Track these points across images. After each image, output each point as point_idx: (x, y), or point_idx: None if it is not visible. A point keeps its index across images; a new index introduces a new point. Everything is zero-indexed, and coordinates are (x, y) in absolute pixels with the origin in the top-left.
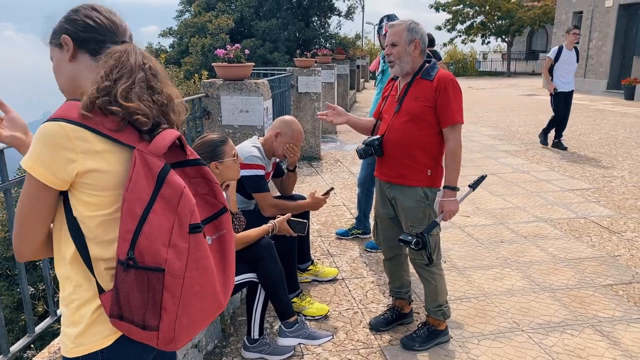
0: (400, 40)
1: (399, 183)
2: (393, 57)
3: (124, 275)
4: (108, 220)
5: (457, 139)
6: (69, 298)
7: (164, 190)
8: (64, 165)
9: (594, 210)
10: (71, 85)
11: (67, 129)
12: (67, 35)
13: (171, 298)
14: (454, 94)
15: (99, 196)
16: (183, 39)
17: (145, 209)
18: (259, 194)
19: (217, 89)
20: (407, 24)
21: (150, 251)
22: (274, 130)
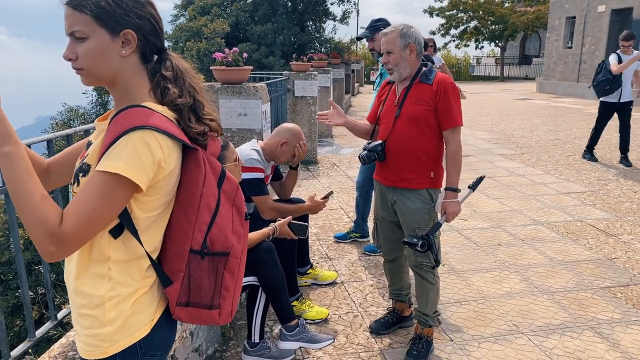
0: (395, 47)
1: (404, 187)
2: (390, 65)
3: (199, 263)
4: (155, 220)
5: (458, 141)
6: (106, 296)
7: (225, 186)
8: (154, 168)
9: (590, 213)
10: (110, 79)
11: (157, 135)
12: (133, 31)
13: (231, 277)
14: (454, 97)
15: (158, 197)
16: (178, 43)
17: (217, 202)
18: (259, 196)
19: (216, 92)
20: (399, 30)
21: (221, 238)
22: (279, 138)
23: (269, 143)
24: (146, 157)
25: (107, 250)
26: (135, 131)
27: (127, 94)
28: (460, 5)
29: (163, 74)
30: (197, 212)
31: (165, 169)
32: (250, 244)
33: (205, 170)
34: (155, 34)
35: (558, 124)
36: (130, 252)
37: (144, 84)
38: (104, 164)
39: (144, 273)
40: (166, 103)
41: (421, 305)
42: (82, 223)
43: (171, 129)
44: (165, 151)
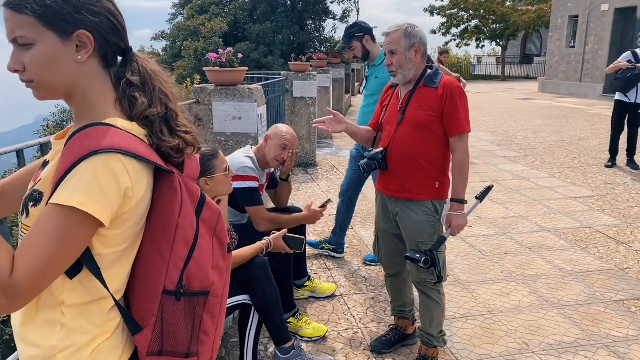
0: (399, 47)
1: (406, 198)
2: (394, 67)
3: (174, 305)
4: (121, 256)
5: (465, 149)
6: (58, 347)
7: (205, 214)
8: (120, 198)
9: (599, 219)
10: (66, 91)
11: (122, 159)
12: (88, 32)
13: (211, 319)
14: (461, 101)
15: (124, 229)
16: (176, 42)
17: (196, 234)
18: (253, 207)
19: (209, 94)
20: (403, 29)
21: (199, 276)
22: (264, 136)
23: (259, 146)
24: (110, 186)
25: (60, 294)
26: (96, 155)
27: (88, 107)
28: (461, 4)
29: (129, 79)
30: (171, 246)
31: (133, 198)
32: (242, 259)
33: (182, 196)
34: (116, 32)
35: (562, 124)
36: (90, 294)
37: (108, 94)
38: (58, 195)
39: (106, 316)
40: (135, 117)
41: (425, 325)
42: (38, 270)
43: (140, 150)
44: (133, 177)
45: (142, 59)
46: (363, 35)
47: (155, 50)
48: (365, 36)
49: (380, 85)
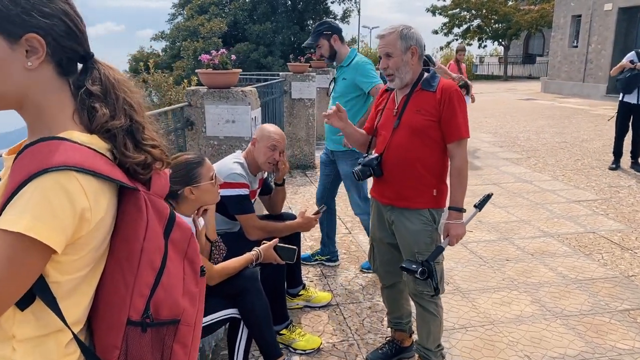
0: (395, 49)
1: (402, 206)
2: (391, 70)
3: (140, 337)
4: (80, 283)
5: (464, 156)
6: None
7: (174, 235)
8: (75, 221)
9: (603, 223)
10: (16, 101)
11: (79, 177)
12: (40, 36)
13: (182, 349)
14: (460, 106)
15: (83, 254)
16: (175, 42)
17: (164, 257)
18: (243, 215)
19: (201, 97)
20: (399, 31)
21: (168, 303)
22: (252, 140)
23: (248, 151)
24: (63, 207)
25: (10, 327)
26: (47, 174)
27: (42, 119)
28: (463, 3)
29: (88, 89)
30: (136, 271)
31: (92, 220)
32: (231, 271)
33: (148, 216)
34: (73, 37)
35: (564, 125)
36: (44, 326)
37: (65, 103)
38: (3, 219)
39: (64, 350)
40: (96, 129)
41: (422, 339)
42: None
43: (100, 166)
44: (90, 197)
45: (105, 67)
46: (331, 34)
47: (155, 50)
48: (334, 35)
49: (348, 87)
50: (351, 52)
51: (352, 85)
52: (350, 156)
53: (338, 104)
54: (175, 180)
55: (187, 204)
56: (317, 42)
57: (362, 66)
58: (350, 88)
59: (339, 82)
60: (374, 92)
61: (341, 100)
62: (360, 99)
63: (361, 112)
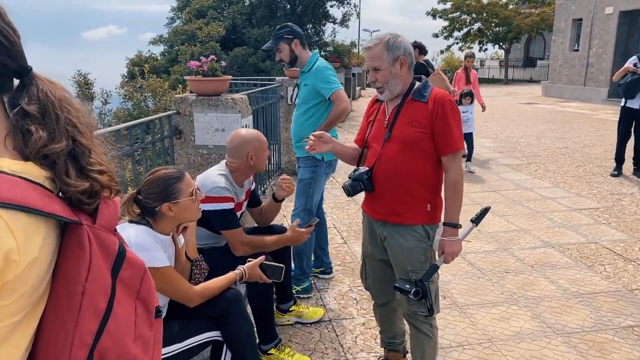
0: (382, 62)
1: (395, 222)
2: (379, 83)
3: None
4: (12, 330)
5: (459, 168)
6: None
7: (123, 273)
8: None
9: (605, 233)
10: None
11: (2, 214)
12: None
13: None
14: (453, 116)
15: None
16: (173, 46)
17: (110, 299)
18: (228, 231)
19: (190, 105)
20: (384, 42)
21: (116, 351)
22: (244, 151)
23: (236, 164)
24: None
25: None
26: None
27: None
28: (463, 7)
29: (24, 108)
30: (76, 318)
31: (21, 262)
32: (212, 292)
33: (91, 253)
34: (4, 50)
35: (565, 130)
36: None
37: None
38: None
39: None
40: (31, 155)
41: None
42: None
43: (32, 199)
44: (19, 235)
45: (44, 83)
46: (292, 38)
47: (154, 54)
48: (295, 40)
49: (309, 93)
50: (312, 56)
51: (314, 92)
52: (311, 162)
53: (313, 133)
54: (152, 197)
55: (166, 221)
56: (277, 45)
57: (322, 71)
58: (312, 94)
59: (302, 89)
60: (335, 98)
61: (303, 107)
62: (322, 106)
63: (322, 119)
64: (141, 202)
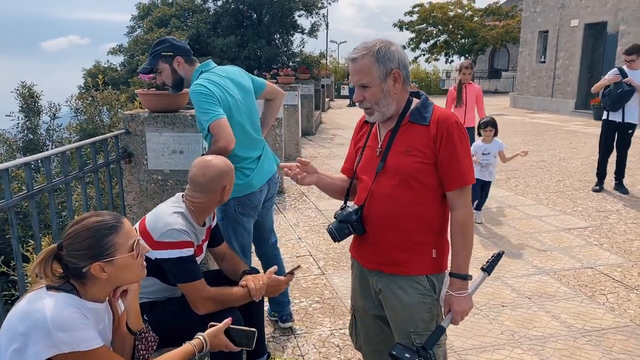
0: (371, 78)
1: (393, 272)
2: (368, 103)
3: None
4: None
5: (468, 206)
6: None
7: None
8: None
9: (600, 256)
10: None
11: None
12: None
13: None
14: (461, 143)
15: None
16: (134, 57)
17: None
18: (187, 284)
19: (142, 123)
20: (374, 51)
21: None
22: (220, 185)
23: (202, 199)
24: None
25: None
26: None
27: None
28: (430, 19)
29: None
30: None
31: None
32: None
33: None
34: None
35: (539, 143)
36: None
37: None
38: None
39: None
40: None
41: None
42: None
43: None
44: None
45: None
46: (173, 55)
47: (113, 65)
48: (177, 57)
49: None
50: (194, 74)
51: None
52: None
53: (299, 159)
54: (79, 254)
55: (97, 285)
56: (156, 65)
57: (193, 98)
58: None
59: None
60: (214, 128)
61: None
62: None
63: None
64: (63, 261)
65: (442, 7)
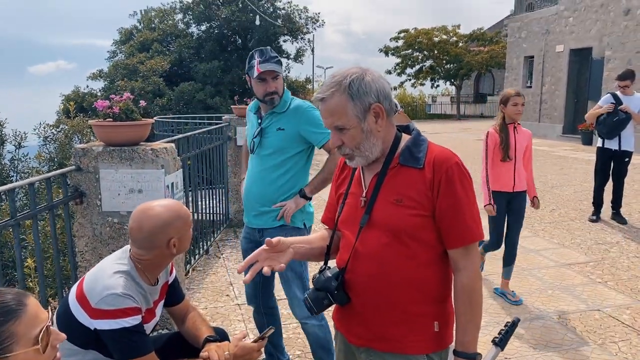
0: (347, 119)
1: (385, 350)
2: (348, 148)
3: None
4: None
5: (475, 268)
6: None
7: None
8: None
9: (605, 296)
10: None
11: None
12: None
13: None
14: (464, 189)
15: None
16: (114, 82)
17: None
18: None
19: (95, 158)
20: (345, 87)
21: None
22: (164, 239)
23: (148, 256)
24: None
25: None
26: None
27: None
28: (415, 44)
29: None
30: None
31: None
32: None
33: None
34: None
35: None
36: None
37: None
38: None
39: None
40: None
41: None
42: None
43: None
44: None
45: None
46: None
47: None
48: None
49: (288, 140)
50: (286, 93)
51: (295, 138)
52: (291, 234)
53: (268, 241)
54: None
55: None
56: (279, 71)
57: (309, 112)
58: (292, 141)
59: (271, 134)
60: (328, 149)
61: (277, 158)
62: (302, 157)
63: (303, 174)
64: None
65: (428, 33)
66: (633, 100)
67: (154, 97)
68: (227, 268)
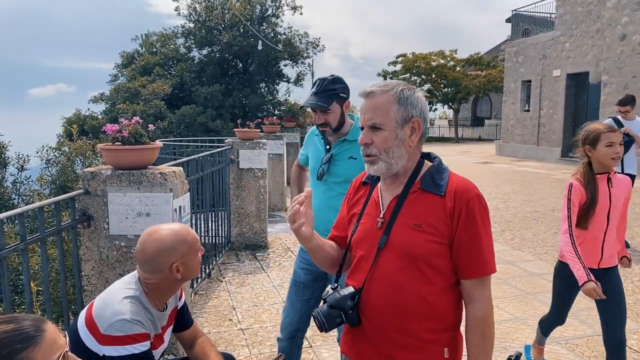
0: (387, 119)
1: None
2: (375, 148)
3: None
4: None
5: (489, 300)
6: None
7: None
8: None
9: None
10: None
11: None
12: None
13: None
14: (483, 222)
15: None
16: (115, 105)
17: None
18: None
19: (104, 182)
20: (397, 91)
21: None
22: (166, 263)
23: (153, 280)
24: None
25: None
26: None
27: None
28: (413, 69)
29: None
30: None
31: None
32: None
33: None
34: None
35: (530, 192)
36: None
37: None
38: None
39: None
40: None
41: None
42: None
43: None
44: None
45: None
46: (346, 97)
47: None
48: (347, 100)
49: (359, 170)
50: (356, 122)
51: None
52: None
53: (308, 190)
54: None
55: None
56: (329, 106)
57: None
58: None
59: (342, 162)
60: None
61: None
62: None
63: None
64: None
65: (425, 58)
66: (634, 124)
67: (155, 119)
68: (230, 292)
